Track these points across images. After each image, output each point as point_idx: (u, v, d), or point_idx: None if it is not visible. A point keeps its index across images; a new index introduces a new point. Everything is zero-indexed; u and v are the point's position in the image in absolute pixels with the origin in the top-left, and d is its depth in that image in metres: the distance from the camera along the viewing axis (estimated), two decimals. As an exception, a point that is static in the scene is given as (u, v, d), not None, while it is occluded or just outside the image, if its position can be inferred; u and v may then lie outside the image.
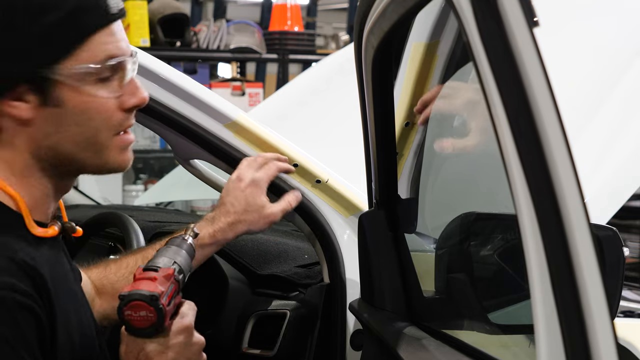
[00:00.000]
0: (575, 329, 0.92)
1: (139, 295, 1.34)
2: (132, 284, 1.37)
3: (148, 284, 1.35)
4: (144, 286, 1.35)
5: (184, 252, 1.46)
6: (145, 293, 1.34)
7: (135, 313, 1.34)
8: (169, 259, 1.42)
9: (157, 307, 1.34)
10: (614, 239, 1.41)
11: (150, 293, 1.34)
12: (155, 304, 1.34)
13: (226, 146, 1.92)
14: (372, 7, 1.52)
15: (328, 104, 3.72)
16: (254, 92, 6.52)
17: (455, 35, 1.81)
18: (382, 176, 1.72)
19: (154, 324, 1.35)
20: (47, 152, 1.33)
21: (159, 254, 1.44)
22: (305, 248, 2.24)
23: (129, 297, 1.34)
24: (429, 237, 1.82)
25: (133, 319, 1.34)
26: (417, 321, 1.63)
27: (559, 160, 0.93)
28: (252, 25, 6.62)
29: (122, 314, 1.34)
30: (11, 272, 1.22)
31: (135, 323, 1.35)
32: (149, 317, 1.34)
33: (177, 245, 1.47)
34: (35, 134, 1.31)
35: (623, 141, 2.51)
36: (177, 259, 1.43)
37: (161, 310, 1.34)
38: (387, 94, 1.66)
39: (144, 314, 1.34)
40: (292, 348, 2.00)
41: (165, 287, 1.37)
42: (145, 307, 1.34)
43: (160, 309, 1.34)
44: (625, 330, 2.69)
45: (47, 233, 1.34)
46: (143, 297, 1.34)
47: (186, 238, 1.50)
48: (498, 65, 0.96)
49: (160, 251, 1.45)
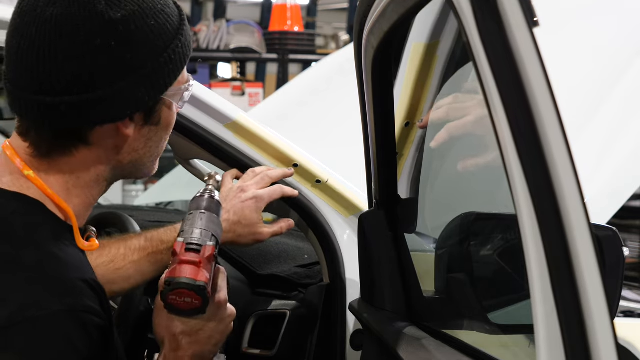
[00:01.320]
0: (575, 329, 0.92)
1: (186, 284, 1.34)
2: (177, 266, 1.36)
3: (194, 271, 1.35)
4: (189, 273, 1.35)
5: (215, 218, 1.45)
6: (192, 283, 1.34)
7: (180, 298, 1.35)
8: (206, 232, 1.41)
9: (203, 296, 1.35)
10: (614, 239, 1.41)
11: (197, 283, 1.34)
12: (203, 294, 1.34)
13: (226, 146, 1.92)
14: (372, 7, 1.52)
15: (328, 104, 3.72)
16: (254, 92, 6.53)
17: (455, 35, 1.81)
18: (382, 176, 1.72)
19: (198, 308, 1.36)
20: (124, 166, 1.38)
21: (193, 221, 1.42)
22: (305, 248, 2.24)
23: (176, 285, 1.34)
24: (429, 237, 1.82)
25: (177, 303, 1.35)
26: (417, 321, 1.63)
27: (559, 160, 0.93)
28: (252, 25, 6.63)
29: (166, 297, 1.35)
30: (86, 294, 1.25)
31: (178, 306, 1.35)
32: (194, 303, 1.35)
33: (208, 209, 1.45)
34: (125, 150, 1.36)
35: (623, 141, 2.51)
36: (213, 229, 1.42)
37: (206, 298, 1.35)
38: (387, 94, 1.65)
39: (189, 300, 1.35)
40: (292, 348, 2.00)
41: (209, 271, 1.37)
42: (191, 295, 1.34)
43: (206, 297, 1.35)
44: (625, 330, 2.70)
45: (92, 247, 1.37)
46: (190, 286, 1.34)
47: (213, 195, 1.49)
48: (498, 65, 0.96)
49: (194, 218, 1.43)
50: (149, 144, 1.38)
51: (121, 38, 1.26)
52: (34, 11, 1.27)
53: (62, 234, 1.31)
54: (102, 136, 1.32)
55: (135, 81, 1.29)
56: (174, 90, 1.37)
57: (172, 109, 1.39)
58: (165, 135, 1.41)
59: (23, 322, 1.18)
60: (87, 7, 1.25)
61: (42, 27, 1.25)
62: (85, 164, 1.33)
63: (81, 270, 1.28)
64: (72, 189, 1.34)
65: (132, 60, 1.28)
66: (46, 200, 1.32)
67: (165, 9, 1.33)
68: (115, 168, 1.37)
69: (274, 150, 1.94)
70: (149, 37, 1.29)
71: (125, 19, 1.27)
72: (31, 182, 1.31)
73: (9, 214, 1.29)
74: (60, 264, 1.26)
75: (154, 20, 1.30)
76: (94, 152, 1.33)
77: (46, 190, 1.31)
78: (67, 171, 1.33)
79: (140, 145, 1.37)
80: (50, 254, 1.26)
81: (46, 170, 1.32)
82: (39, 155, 1.32)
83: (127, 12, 1.27)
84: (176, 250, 1.38)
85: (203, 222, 1.42)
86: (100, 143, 1.32)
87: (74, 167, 1.33)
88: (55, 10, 1.25)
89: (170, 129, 1.42)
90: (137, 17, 1.28)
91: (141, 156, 1.39)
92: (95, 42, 1.25)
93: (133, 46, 1.28)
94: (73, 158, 1.32)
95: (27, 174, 1.31)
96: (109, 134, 1.32)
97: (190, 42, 1.39)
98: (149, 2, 1.31)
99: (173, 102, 1.38)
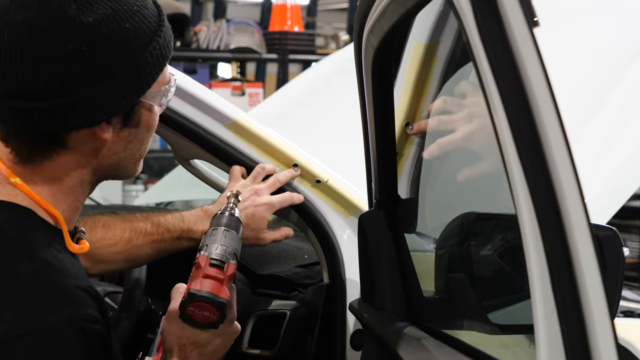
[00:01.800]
0: (575, 329, 0.92)
1: (209, 299, 1.35)
2: (201, 279, 1.37)
3: (217, 287, 1.37)
4: (212, 288, 1.36)
5: (236, 236, 1.47)
6: (215, 298, 1.36)
7: (199, 311, 1.36)
8: (229, 250, 1.43)
9: (222, 313, 1.36)
10: (614, 239, 1.41)
11: (220, 299, 1.36)
12: (222, 310, 1.36)
13: (226, 146, 1.92)
14: (372, 7, 1.52)
15: (328, 104, 3.72)
16: (254, 92, 6.52)
17: (455, 35, 1.81)
18: (382, 176, 1.72)
19: (213, 323, 1.37)
20: (106, 169, 1.36)
21: (217, 237, 1.44)
22: (305, 248, 2.24)
23: (198, 298, 1.35)
24: (429, 237, 1.82)
25: (195, 315, 1.36)
26: (417, 321, 1.63)
27: (559, 160, 0.93)
28: (252, 25, 6.62)
29: (185, 308, 1.36)
30: (85, 301, 1.24)
31: (195, 318, 1.37)
32: (211, 318, 1.36)
33: (231, 227, 1.47)
34: (105, 153, 1.33)
35: (623, 141, 2.51)
36: (235, 248, 1.44)
37: (224, 314, 1.37)
38: (387, 94, 1.65)
39: (208, 314, 1.36)
40: (292, 348, 2.00)
41: (229, 289, 1.39)
42: (210, 310, 1.36)
43: (224, 313, 1.37)
44: (625, 330, 2.70)
45: (82, 249, 1.35)
46: (213, 302, 1.35)
47: (234, 213, 1.51)
48: (498, 65, 0.96)
49: (217, 234, 1.45)
50: (129, 146, 1.36)
51: (93, 42, 1.23)
52: (6, 15, 1.24)
53: (54, 240, 1.30)
54: (79, 140, 1.29)
55: (110, 85, 1.26)
56: (154, 92, 1.33)
57: (152, 110, 1.36)
58: (147, 136, 1.39)
59: (23, 335, 1.18)
60: (57, 12, 1.22)
61: (13, 32, 1.23)
62: (67, 168, 1.32)
63: (77, 277, 1.27)
64: (58, 194, 1.32)
65: (106, 64, 1.25)
66: (35, 207, 1.31)
67: (142, 10, 1.30)
68: (97, 171, 1.35)
69: (274, 150, 1.94)
70: (123, 40, 1.26)
71: (97, 22, 1.23)
72: (18, 189, 1.30)
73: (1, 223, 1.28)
74: (56, 272, 1.25)
75: (128, 23, 1.27)
76: (74, 156, 1.31)
77: (34, 197, 1.30)
78: (51, 176, 1.31)
79: (120, 148, 1.35)
80: (45, 263, 1.25)
81: (30, 176, 1.31)
82: (21, 160, 1.30)
83: (100, 15, 1.24)
84: (200, 263, 1.39)
85: (226, 239, 1.44)
86: (79, 147, 1.30)
87: (57, 172, 1.32)
88: (26, 14, 1.23)
89: (152, 130, 1.39)
90: (110, 20, 1.25)
91: (122, 158, 1.36)
92: (66, 47, 1.22)
93: (106, 50, 1.25)
94: (54, 162, 1.31)
95: (14, 181, 1.30)
96: (86, 138, 1.30)
97: (170, 42, 1.35)
98: (123, 3, 1.27)
99: (153, 104, 1.36)
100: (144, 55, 1.29)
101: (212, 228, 1.48)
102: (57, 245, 1.29)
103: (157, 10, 1.34)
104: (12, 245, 1.26)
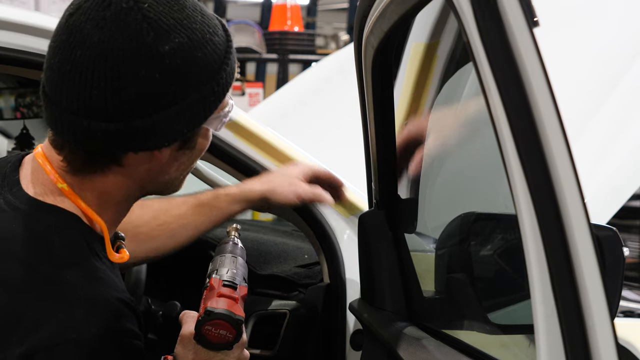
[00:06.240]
0: (575, 329, 0.92)
1: (226, 316, 1.35)
2: (216, 298, 1.38)
3: (233, 305, 1.37)
4: (229, 306, 1.37)
5: (243, 262, 1.51)
6: (232, 315, 1.36)
7: (215, 330, 1.36)
8: (240, 273, 1.46)
9: (239, 331, 1.36)
10: (614, 239, 1.41)
11: (236, 317, 1.36)
12: (239, 328, 1.36)
13: (226, 146, 1.92)
14: (372, 7, 1.52)
15: (328, 103, 3.72)
16: (254, 92, 6.53)
17: (455, 35, 1.81)
18: (382, 176, 1.72)
19: (228, 343, 1.37)
20: (155, 186, 1.36)
21: (225, 263, 1.47)
22: (305, 248, 2.24)
23: (215, 315, 1.35)
24: (429, 237, 1.82)
25: (210, 334, 1.36)
26: (417, 321, 1.63)
27: (559, 160, 0.93)
28: (252, 25, 6.63)
29: (201, 327, 1.35)
30: (126, 315, 1.25)
31: (210, 337, 1.36)
32: (227, 337, 1.36)
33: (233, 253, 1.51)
34: (159, 171, 1.33)
35: (623, 141, 2.51)
36: (243, 272, 1.47)
37: (241, 332, 1.37)
38: (387, 94, 1.66)
39: (224, 332, 1.36)
40: (292, 348, 2.00)
41: (243, 308, 1.39)
42: (227, 328, 1.36)
43: (241, 331, 1.37)
44: (625, 330, 2.70)
45: (122, 259, 1.35)
46: (231, 319, 1.35)
47: (237, 243, 1.55)
48: (498, 65, 0.96)
49: (225, 260, 1.48)
50: (181, 167, 1.36)
51: (166, 70, 1.22)
52: (80, 32, 1.22)
53: (97, 249, 1.30)
54: (136, 161, 1.29)
55: (176, 113, 1.25)
56: (214, 118, 1.32)
57: (208, 134, 1.36)
58: (197, 157, 1.38)
59: (64, 343, 1.18)
60: (135, 37, 1.21)
61: (87, 52, 1.21)
62: (117, 184, 1.31)
63: (118, 289, 1.28)
64: (104, 204, 1.32)
65: (175, 92, 1.24)
66: (80, 213, 1.30)
67: (214, 37, 1.29)
68: (144, 187, 1.35)
69: (274, 150, 1.94)
70: (194, 69, 1.25)
71: (172, 51, 1.22)
72: (65, 195, 1.30)
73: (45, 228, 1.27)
74: (99, 282, 1.25)
75: (200, 52, 1.26)
76: (127, 174, 1.31)
77: (80, 204, 1.30)
78: (100, 188, 1.31)
79: (173, 169, 1.34)
80: (90, 272, 1.25)
81: (79, 185, 1.30)
82: (72, 171, 1.30)
83: (175, 44, 1.23)
84: (213, 285, 1.40)
85: (235, 264, 1.47)
86: (133, 166, 1.30)
87: (106, 186, 1.31)
88: (103, 36, 1.21)
89: (204, 152, 1.38)
90: (185, 49, 1.24)
91: (172, 178, 1.37)
92: (140, 73, 1.21)
93: (177, 79, 1.24)
94: (105, 177, 1.30)
95: (61, 187, 1.29)
96: (143, 160, 1.29)
97: (234, 69, 1.34)
98: (198, 32, 1.26)
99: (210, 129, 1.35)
100: (211, 83, 1.28)
101: (218, 256, 1.50)
102: (100, 254, 1.30)
103: (225, 36, 1.33)
104: (58, 253, 1.26)
